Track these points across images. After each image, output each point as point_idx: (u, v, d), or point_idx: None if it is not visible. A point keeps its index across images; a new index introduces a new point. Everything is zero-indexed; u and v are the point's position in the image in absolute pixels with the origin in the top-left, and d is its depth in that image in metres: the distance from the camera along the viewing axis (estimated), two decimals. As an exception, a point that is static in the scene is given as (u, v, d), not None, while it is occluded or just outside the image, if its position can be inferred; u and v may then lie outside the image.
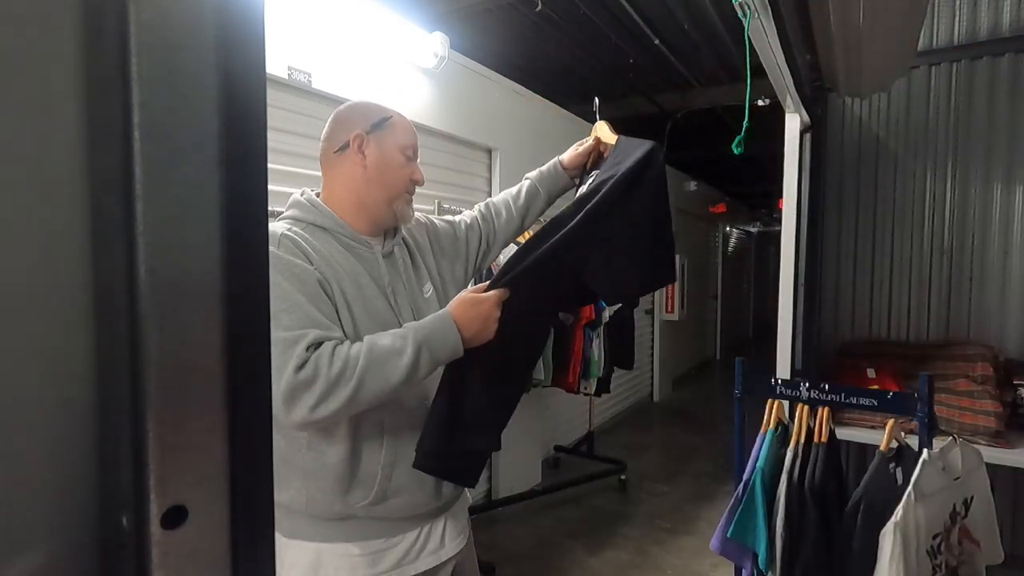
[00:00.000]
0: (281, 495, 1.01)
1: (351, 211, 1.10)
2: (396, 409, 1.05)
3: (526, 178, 1.41)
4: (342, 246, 1.07)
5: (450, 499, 1.14)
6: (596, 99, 1.46)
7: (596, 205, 1.09)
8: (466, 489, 1.23)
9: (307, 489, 1.01)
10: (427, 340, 0.97)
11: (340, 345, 0.94)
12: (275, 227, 1.05)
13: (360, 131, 1.07)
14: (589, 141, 1.36)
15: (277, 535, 1.03)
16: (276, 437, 1.00)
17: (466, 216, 1.38)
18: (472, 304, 1.03)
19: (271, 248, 0.97)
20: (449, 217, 1.37)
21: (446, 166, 3.01)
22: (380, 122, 1.09)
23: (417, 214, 1.25)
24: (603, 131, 1.35)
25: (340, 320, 1.00)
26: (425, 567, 1.09)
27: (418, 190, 1.18)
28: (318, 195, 1.13)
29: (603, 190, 1.11)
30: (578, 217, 1.10)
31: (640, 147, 1.17)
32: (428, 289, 1.18)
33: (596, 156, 1.36)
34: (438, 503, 1.10)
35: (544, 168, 1.40)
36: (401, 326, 1.06)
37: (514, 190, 1.41)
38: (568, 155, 1.38)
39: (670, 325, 5.94)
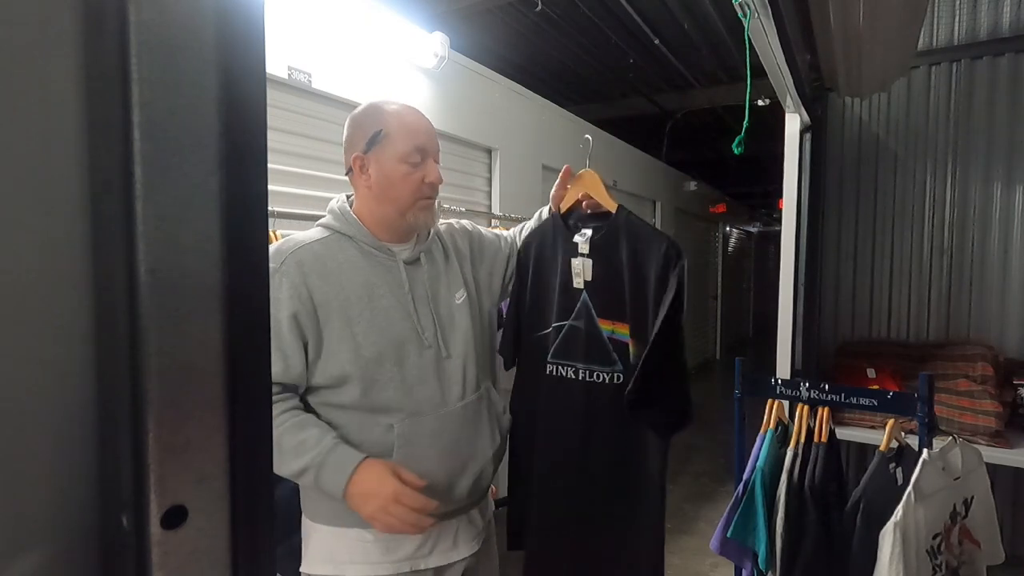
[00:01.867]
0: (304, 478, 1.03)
1: (372, 221, 1.11)
2: (410, 415, 1.06)
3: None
4: (362, 254, 1.08)
5: (464, 504, 1.15)
6: (588, 138, 1.34)
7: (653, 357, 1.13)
8: (489, 496, 1.26)
9: None
10: (324, 465, 0.96)
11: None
12: (305, 236, 1.08)
13: (358, 152, 1.08)
14: (570, 190, 1.29)
15: (303, 517, 1.09)
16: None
17: (508, 235, 1.40)
18: (382, 475, 0.97)
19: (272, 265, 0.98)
20: (500, 231, 1.39)
21: (446, 166, 2.99)
22: (374, 137, 1.07)
23: (465, 223, 1.29)
24: (594, 186, 1.27)
25: (329, 343, 1.01)
26: (436, 564, 1.11)
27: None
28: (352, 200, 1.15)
29: (653, 335, 1.13)
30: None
31: (657, 246, 1.18)
32: (461, 295, 1.18)
33: (575, 205, 1.30)
34: (448, 508, 1.10)
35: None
36: (420, 334, 1.08)
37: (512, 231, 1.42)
38: (552, 203, 1.34)
39: (670, 325, 5.92)
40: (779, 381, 1.68)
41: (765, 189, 8.86)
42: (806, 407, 1.57)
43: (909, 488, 1.29)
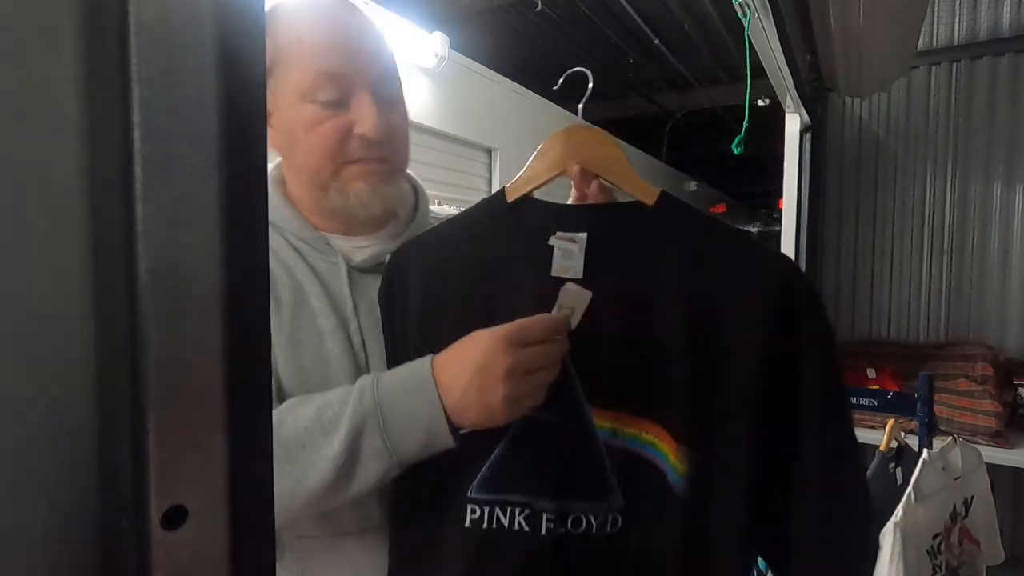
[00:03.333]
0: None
1: (302, 200, 0.72)
2: (325, 524, 0.63)
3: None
4: (293, 248, 0.69)
5: None
6: (585, 72, 0.82)
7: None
8: None
9: None
10: (379, 412, 0.53)
11: None
12: None
13: None
14: (537, 159, 0.67)
15: None
16: None
17: None
18: (469, 346, 0.55)
19: None
20: None
21: (446, 166, 3.01)
22: (270, 69, 0.64)
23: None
24: (605, 154, 0.65)
25: None
26: None
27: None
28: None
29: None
30: None
31: (758, 271, 0.59)
32: None
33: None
34: None
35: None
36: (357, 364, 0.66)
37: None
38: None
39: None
40: (779, 381, 1.68)
41: (765, 189, 8.87)
42: (806, 407, 1.57)
43: (909, 488, 1.29)
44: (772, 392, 0.56)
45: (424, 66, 2.66)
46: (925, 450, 1.36)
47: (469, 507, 0.59)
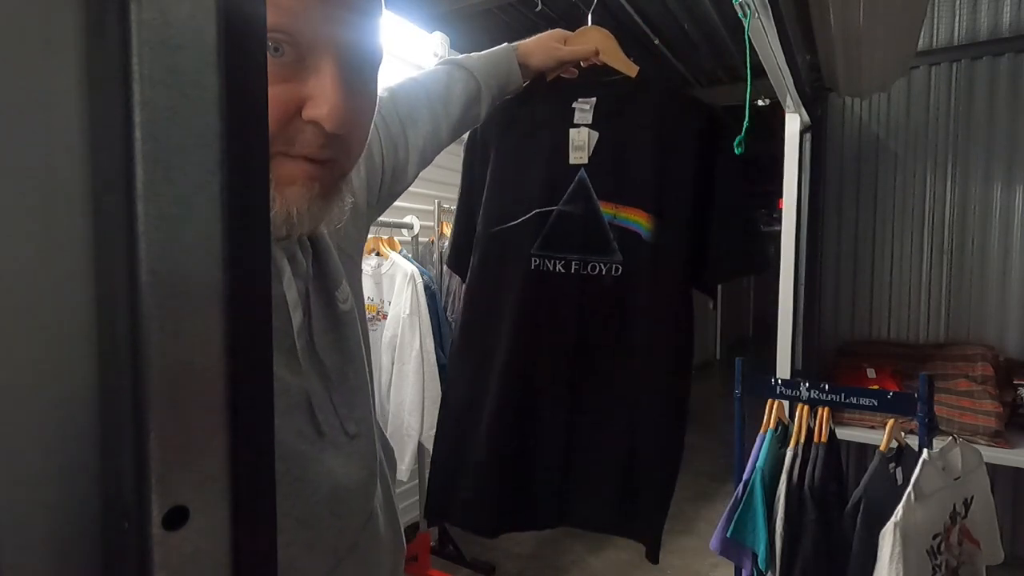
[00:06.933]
0: None
1: None
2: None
3: (459, 66, 0.89)
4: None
5: None
6: None
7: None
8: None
9: None
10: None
11: None
12: None
13: None
14: (582, 48, 1.00)
15: None
16: None
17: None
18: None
19: None
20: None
21: (446, 166, 3.00)
22: None
23: None
24: (605, 45, 1.03)
25: None
26: None
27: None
28: None
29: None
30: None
31: (696, 117, 1.06)
32: (345, 295, 0.58)
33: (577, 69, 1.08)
34: None
35: (490, 58, 0.91)
36: (318, 410, 0.53)
37: (439, 84, 0.88)
38: (540, 52, 0.96)
39: (670, 325, 5.92)
40: (779, 381, 1.68)
41: (765, 189, 8.86)
42: (806, 407, 1.57)
43: (909, 488, 1.29)
44: (701, 182, 1.03)
45: (424, 66, 2.66)
46: (925, 450, 1.36)
47: (532, 259, 1.06)
